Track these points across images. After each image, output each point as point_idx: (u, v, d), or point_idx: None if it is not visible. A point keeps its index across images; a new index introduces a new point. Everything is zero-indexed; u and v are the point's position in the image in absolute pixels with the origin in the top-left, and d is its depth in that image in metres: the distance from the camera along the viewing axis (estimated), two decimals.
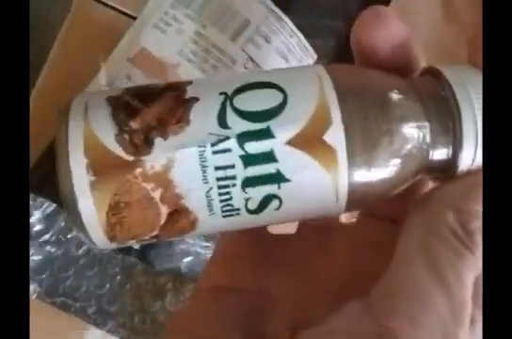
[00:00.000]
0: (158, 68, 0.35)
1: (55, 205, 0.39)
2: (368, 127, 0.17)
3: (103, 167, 0.16)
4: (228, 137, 0.17)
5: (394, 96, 0.18)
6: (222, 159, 0.17)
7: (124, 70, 0.35)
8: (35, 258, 0.40)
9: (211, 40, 0.35)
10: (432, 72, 0.19)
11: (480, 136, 0.17)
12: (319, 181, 0.17)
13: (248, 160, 0.17)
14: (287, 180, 0.17)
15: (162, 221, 0.17)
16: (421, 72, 0.20)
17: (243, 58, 0.35)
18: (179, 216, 0.17)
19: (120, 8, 0.38)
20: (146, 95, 0.18)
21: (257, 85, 0.18)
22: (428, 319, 0.16)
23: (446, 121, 0.18)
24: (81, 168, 0.16)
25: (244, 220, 0.18)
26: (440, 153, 0.18)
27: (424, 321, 0.16)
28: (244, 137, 0.17)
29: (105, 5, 0.38)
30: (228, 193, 0.17)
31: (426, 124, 0.18)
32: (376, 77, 0.19)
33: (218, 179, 0.17)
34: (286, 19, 0.35)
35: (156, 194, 0.17)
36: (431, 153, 0.18)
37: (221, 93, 0.17)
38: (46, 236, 0.40)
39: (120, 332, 0.41)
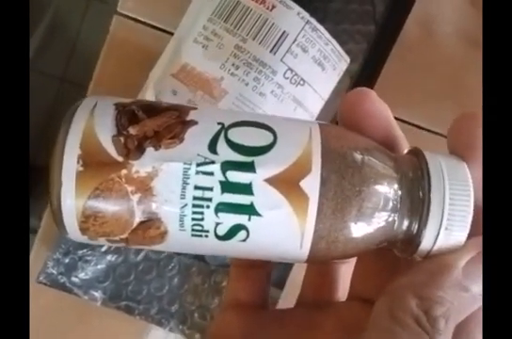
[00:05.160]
0: (203, 82, 0.37)
1: None
2: (342, 185, 0.18)
3: (92, 161, 0.18)
4: (213, 162, 0.18)
5: (373, 163, 0.19)
6: (203, 180, 0.18)
7: (169, 85, 0.37)
8: (98, 267, 0.42)
9: (252, 54, 0.36)
10: (416, 153, 0.20)
11: (446, 220, 0.18)
12: (288, 224, 0.18)
13: (227, 187, 0.18)
14: (258, 214, 0.18)
15: (134, 225, 0.18)
16: (407, 151, 0.21)
17: (283, 69, 0.36)
18: (150, 223, 0.18)
19: (157, 25, 0.40)
20: (151, 109, 0.19)
21: (253, 124, 0.19)
22: None
23: (417, 198, 0.19)
24: (73, 157, 0.18)
25: (210, 244, 0.19)
26: (405, 225, 0.19)
27: None
28: (228, 165, 0.18)
29: (141, 22, 0.39)
30: (201, 213, 0.18)
31: (398, 195, 0.19)
32: (361, 143, 0.20)
33: (195, 198, 0.18)
34: (322, 28, 0.36)
35: (135, 197, 0.18)
36: (397, 223, 0.19)
37: (219, 123, 0.19)
38: (106, 246, 0.42)
39: (181, 330, 0.44)
